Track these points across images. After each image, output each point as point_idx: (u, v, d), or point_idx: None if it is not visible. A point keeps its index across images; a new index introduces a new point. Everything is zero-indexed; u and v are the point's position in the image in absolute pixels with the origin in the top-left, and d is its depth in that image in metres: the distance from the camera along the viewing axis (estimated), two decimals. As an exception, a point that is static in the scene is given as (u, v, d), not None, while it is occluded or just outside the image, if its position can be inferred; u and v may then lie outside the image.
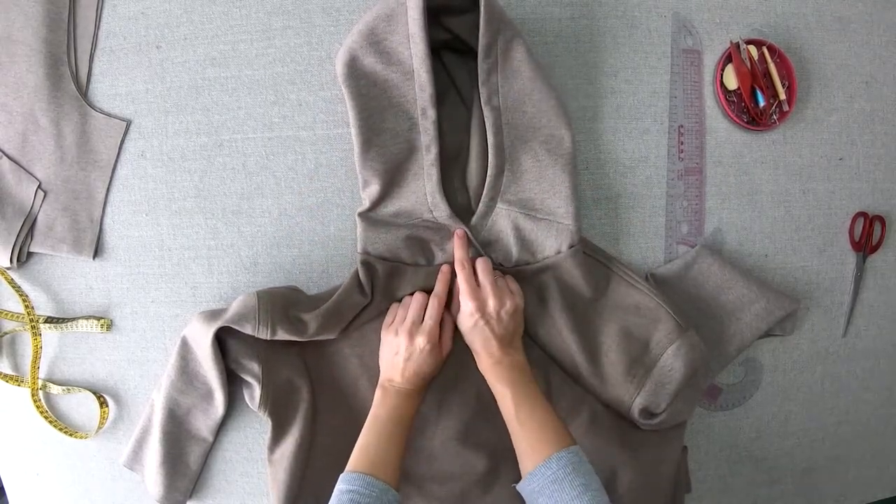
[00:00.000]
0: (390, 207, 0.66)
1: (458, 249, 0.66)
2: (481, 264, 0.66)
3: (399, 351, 0.64)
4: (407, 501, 0.66)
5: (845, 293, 0.79)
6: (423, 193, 0.65)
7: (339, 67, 0.64)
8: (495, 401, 0.67)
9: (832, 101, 0.77)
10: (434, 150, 0.64)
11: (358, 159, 0.65)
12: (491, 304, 0.64)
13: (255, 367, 0.65)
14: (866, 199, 0.78)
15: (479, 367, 0.66)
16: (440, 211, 0.65)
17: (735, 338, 0.72)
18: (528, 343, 0.68)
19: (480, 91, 0.63)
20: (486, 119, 0.63)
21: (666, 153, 0.74)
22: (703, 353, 0.67)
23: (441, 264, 0.68)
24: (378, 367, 0.67)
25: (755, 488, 0.80)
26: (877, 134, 0.78)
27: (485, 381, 0.67)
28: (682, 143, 0.74)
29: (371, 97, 0.64)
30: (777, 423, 0.79)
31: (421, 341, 0.64)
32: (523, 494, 0.59)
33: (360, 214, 0.66)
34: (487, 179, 0.65)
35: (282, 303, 0.65)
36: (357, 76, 0.63)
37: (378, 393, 0.65)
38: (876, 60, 0.78)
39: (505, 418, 0.62)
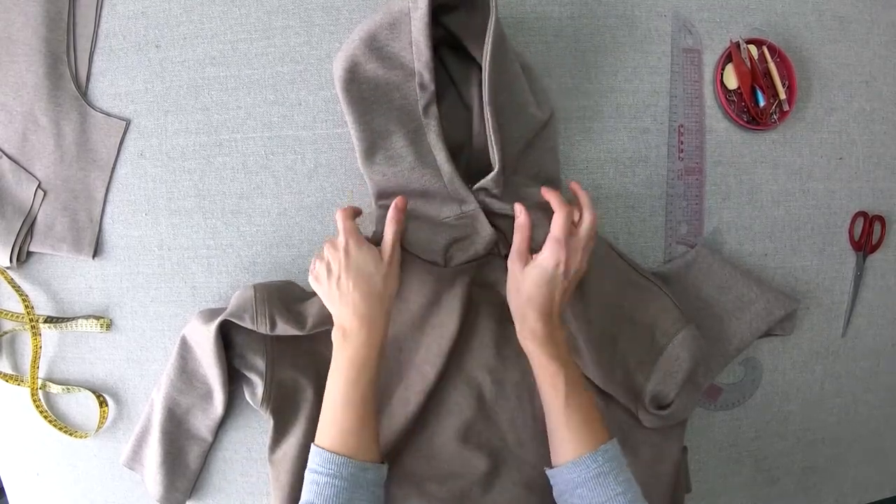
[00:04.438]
0: (411, 204, 0.65)
1: (551, 195, 0.61)
2: (564, 212, 0.59)
3: (331, 271, 0.58)
4: (406, 501, 0.66)
5: (845, 293, 0.79)
6: (446, 190, 0.64)
7: (340, 73, 0.63)
8: (495, 401, 0.67)
9: (832, 100, 0.77)
10: (442, 146, 0.63)
11: (363, 164, 0.65)
12: (574, 259, 0.58)
13: (260, 362, 0.65)
14: (866, 198, 0.78)
15: (523, 334, 0.60)
16: (469, 205, 0.64)
17: (735, 337, 0.72)
18: None
19: (486, 92, 0.60)
20: (487, 119, 0.61)
21: (666, 153, 0.74)
22: (703, 345, 0.68)
23: (459, 265, 0.65)
24: (385, 364, 0.66)
25: (755, 488, 0.80)
26: (877, 134, 0.78)
27: (485, 380, 0.67)
28: (682, 143, 0.74)
29: (373, 101, 0.63)
30: (777, 423, 0.79)
31: (341, 241, 0.57)
32: (557, 481, 0.57)
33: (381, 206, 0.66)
34: (492, 176, 0.63)
35: (279, 295, 0.65)
36: (359, 80, 0.63)
37: (334, 342, 0.58)
38: (876, 60, 0.78)
39: (548, 398, 0.58)
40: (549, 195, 0.62)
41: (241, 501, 0.74)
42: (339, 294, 0.58)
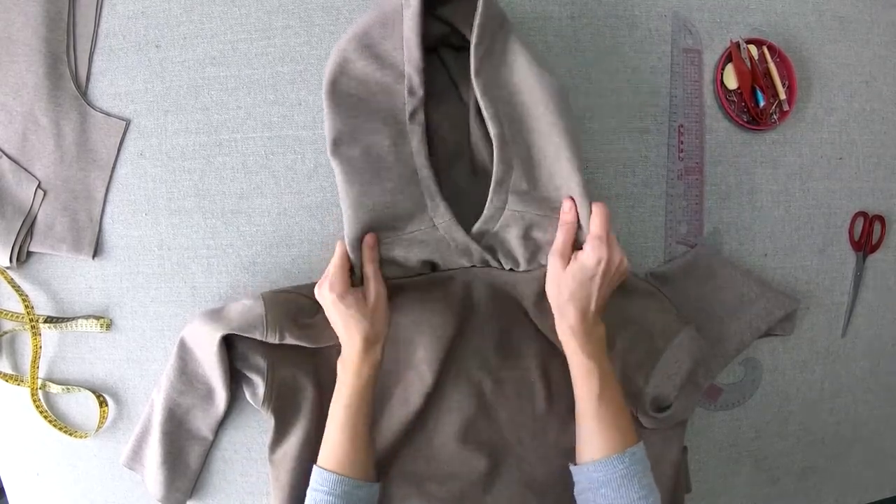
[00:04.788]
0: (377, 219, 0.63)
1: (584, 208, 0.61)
2: (604, 211, 0.59)
3: (329, 315, 0.62)
4: (406, 501, 0.66)
5: (845, 293, 0.79)
6: (421, 199, 0.62)
7: (330, 68, 0.62)
8: (495, 400, 0.67)
9: (832, 100, 0.77)
10: (424, 153, 0.62)
11: (334, 153, 0.62)
12: (616, 256, 0.59)
13: (262, 362, 0.65)
14: (866, 198, 0.78)
15: (562, 329, 0.61)
16: (440, 216, 0.62)
17: (735, 337, 0.72)
18: (530, 339, 0.67)
19: (475, 81, 0.60)
20: (485, 112, 0.60)
21: (666, 153, 0.74)
22: (702, 346, 0.68)
23: (447, 270, 0.65)
24: (384, 364, 0.66)
25: (755, 488, 0.80)
26: (877, 134, 0.78)
27: (485, 380, 0.67)
28: (681, 143, 0.74)
29: (359, 99, 0.62)
30: (777, 423, 0.79)
31: (325, 293, 0.60)
32: (580, 478, 0.58)
33: None
34: (493, 178, 0.61)
35: (287, 309, 0.65)
36: (348, 77, 0.62)
37: (338, 370, 0.63)
38: (876, 60, 0.78)
39: (581, 395, 0.59)
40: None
41: (241, 501, 0.74)
42: (337, 333, 0.63)
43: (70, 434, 0.74)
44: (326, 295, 0.61)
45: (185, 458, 0.71)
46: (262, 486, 0.74)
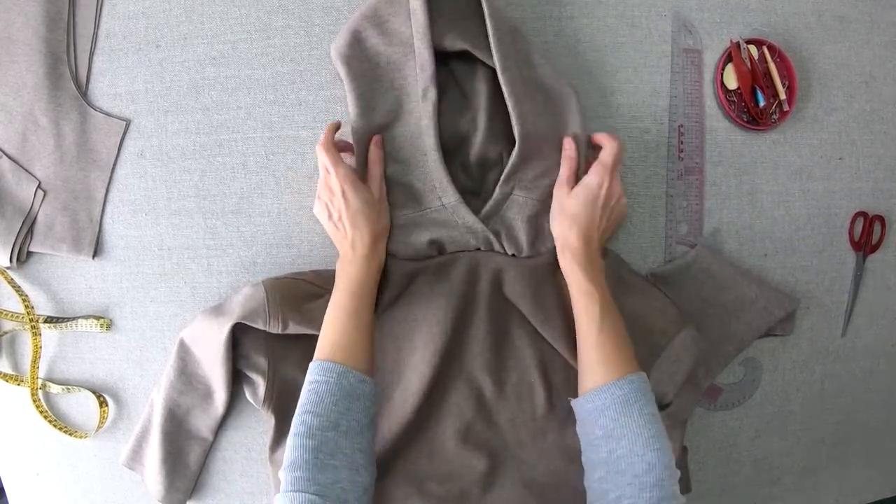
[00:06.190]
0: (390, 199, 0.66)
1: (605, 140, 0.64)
2: (616, 142, 0.63)
3: (331, 213, 0.62)
4: (407, 501, 0.66)
5: (845, 293, 0.79)
6: (429, 179, 0.65)
7: (341, 48, 0.64)
8: (495, 401, 0.67)
9: (832, 100, 0.77)
10: (434, 132, 0.64)
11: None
12: (617, 188, 0.62)
13: (263, 362, 0.66)
14: (866, 198, 0.78)
15: (565, 258, 0.63)
16: (448, 196, 0.65)
17: (735, 337, 0.72)
18: (529, 341, 0.67)
19: (502, 79, 0.62)
20: (511, 109, 0.62)
21: (666, 153, 0.74)
22: (703, 346, 0.68)
23: (456, 252, 0.67)
24: (384, 364, 0.67)
25: (755, 488, 0.80)
26: (877, 134, 0.78)
27: (485, 381, 0.67)
28: (682, 143, 0.74)
29: (374, 78, 0.64)
30: (777, 422, 0.79)
31: (337, 187, 0.60)
32: (581, 412, 0.57)
33: None
34: (509, 166, 0.64)
35: (289, 294, 0.65)
36: (360, 58, 0.64)
37: (337, 270, 0.63)
38: (876, 60, 0.78)
39: (581, 321, 0.59)
40: (598, 135, 0.66)
41: (241, 501, 0.74)
42: (341, 234, 0.62)
43: (70, 434, 0.75)
44: (335, 184, 0.60)
45: (185, 458, 0.71)
46: (262, 486, 0.74)
